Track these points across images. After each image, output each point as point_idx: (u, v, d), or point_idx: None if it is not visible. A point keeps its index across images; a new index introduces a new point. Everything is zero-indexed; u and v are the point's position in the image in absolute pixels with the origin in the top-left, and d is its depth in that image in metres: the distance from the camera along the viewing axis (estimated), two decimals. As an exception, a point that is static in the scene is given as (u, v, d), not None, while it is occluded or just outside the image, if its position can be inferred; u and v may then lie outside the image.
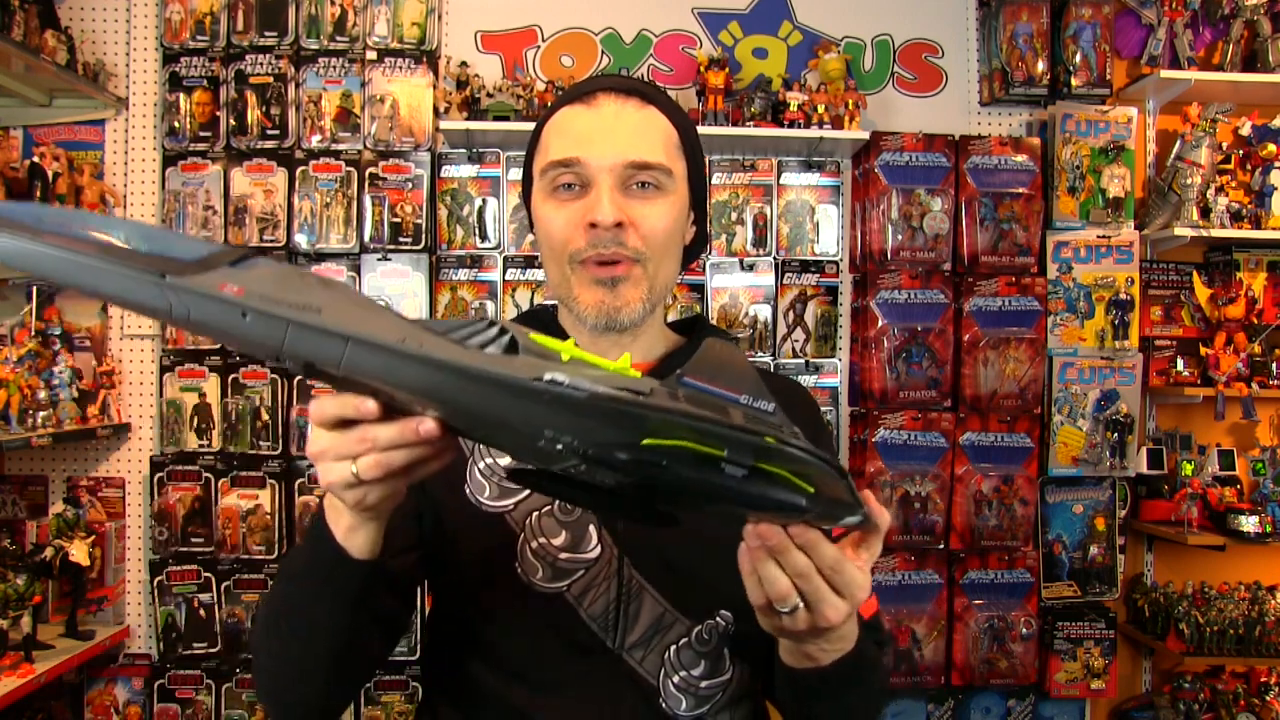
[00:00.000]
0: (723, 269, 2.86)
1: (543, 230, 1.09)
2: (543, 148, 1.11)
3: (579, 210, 1.05)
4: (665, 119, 1.10)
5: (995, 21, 2.90)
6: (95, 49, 2.77)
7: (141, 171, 2.80)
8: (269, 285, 0.62)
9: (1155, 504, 2.92)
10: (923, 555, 2.80)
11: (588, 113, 1.07)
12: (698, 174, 1.15)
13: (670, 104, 1.13)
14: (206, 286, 0.61)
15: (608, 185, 1.04)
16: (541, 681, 1.01)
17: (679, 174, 1.10)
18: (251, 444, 2.74)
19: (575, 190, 1.06)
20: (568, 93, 1.13)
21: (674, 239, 1.10)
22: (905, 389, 2.78)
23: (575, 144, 1.06)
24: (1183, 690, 2.86)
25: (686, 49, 2.91)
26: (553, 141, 1.08)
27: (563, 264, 1.07)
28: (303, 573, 0.91)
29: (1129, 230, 2.89)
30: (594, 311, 1.05)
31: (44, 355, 2.50)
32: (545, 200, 1.08)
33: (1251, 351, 2.87)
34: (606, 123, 1.06)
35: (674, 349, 1.16)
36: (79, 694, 2.74)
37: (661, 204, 1.07)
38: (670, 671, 1.01)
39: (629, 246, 1.04)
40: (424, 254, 2.79)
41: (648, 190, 1.06)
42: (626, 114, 1.07)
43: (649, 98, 1.10)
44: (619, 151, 1.04)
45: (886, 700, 1.11)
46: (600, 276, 1.05)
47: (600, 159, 1.04)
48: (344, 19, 2.80)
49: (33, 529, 2.64)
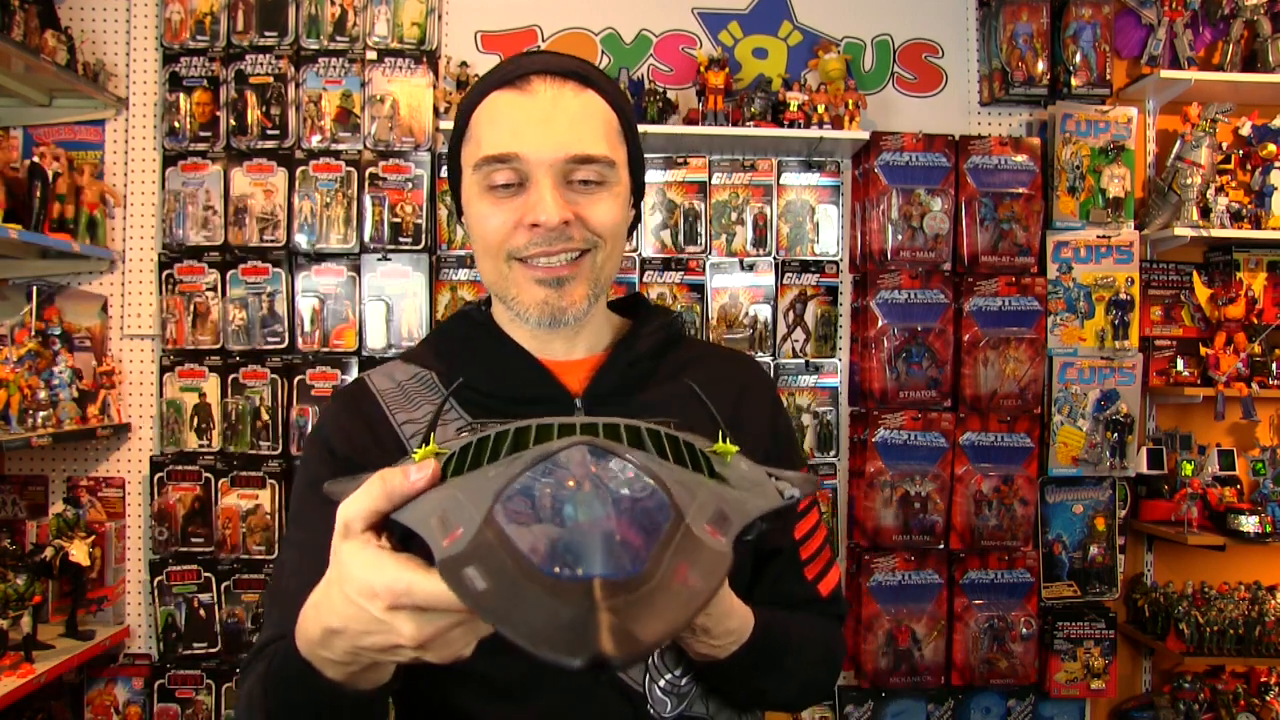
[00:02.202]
0: (723, 269, 2.86)
1: (478, 228, 1.01)
2: (472, 138, 1.01)
3: (517, 208, 0.97)
4: (604, 103, 1.01)
5: (995, 21, 2.90)
6: (95, 49, 2.77)
7: (141, 171, 2.80)
8: (687, 500, 0.53)
9: (1155, 504, 2.92)
10: (923, 555, 2.79)
11: (522, 99, 0.97)
12: (637, 156, 1.07)
13: (608, 83, 1.04)
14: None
15: (549, 183, 0.96)
16: (526, 699, 0.97)
17: (621, 162, 1.02)
18: (251, 444, 2.74)
19: (512, 188, 0.97)
20: (495, 73, 1.01)
21: (620, 229, 1.03)
22: (905, 389, 2.78)
23: (510, 137, 0.96)
24: (1183, 690, 2.86)
25: (686, 49, 2.91)
26: (484, 132, 0.99)
27: (499, 260, 1.00)
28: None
29: (1129, 230, 2.89)
30: (537, 311, 1.00)
31: (44, 355, 2.50)
32: (480, 197, 1.00)
33: (1251, 351, 2.87)
34: (543, 111, 0.96)
35: (620, 335, 1.12)
36: (79, 694, 2.74)
37: (606, 197, 0.99)
38: (656, 676, 0.99)
39: (576, 240, 0.98)
40: (424, 254, 2.79)
41: (591, 184, 0.98)
42: (565, 100, 0.97)
43: (587, 79, 1.00)
44: (559, 144, 0.95)
45: (827, 668, 1.10)
46: (543, 278, 0.99)
47: (539, 153, 0.95)
48: (344, 19, 2.80)
49: (33, 529, 2.64)
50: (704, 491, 0.57)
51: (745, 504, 0.62)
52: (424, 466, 0.63)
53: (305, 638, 0.72)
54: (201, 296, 2.75)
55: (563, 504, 0.47)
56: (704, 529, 0.51)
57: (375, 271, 2.79)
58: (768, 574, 1.08)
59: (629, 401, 1.04)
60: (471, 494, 0.55)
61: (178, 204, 2.75)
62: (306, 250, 2.77)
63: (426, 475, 0.62)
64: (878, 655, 2.78)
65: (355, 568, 0.61)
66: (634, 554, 0.44)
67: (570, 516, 0.46)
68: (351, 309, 2.78)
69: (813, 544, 1.10)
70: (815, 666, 1.07)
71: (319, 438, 1.05)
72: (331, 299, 2.79)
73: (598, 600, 0.41)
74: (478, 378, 1.02)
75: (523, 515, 0.48)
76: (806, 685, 1.07)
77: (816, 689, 1.11)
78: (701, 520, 0.52)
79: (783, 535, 1.08)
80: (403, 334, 2.78)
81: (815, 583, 1.09)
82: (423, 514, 0.58)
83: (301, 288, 2.78)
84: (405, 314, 2.79)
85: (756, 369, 1.20)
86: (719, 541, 0.51)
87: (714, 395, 1.09)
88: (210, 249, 2.76)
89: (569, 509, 0.46)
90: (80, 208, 2.62)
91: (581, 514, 0.46)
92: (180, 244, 2.76)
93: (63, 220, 2.54)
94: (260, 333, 2.76)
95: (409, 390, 1.06)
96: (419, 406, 1.03)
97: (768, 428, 1.12)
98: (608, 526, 0.45)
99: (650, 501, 0.49)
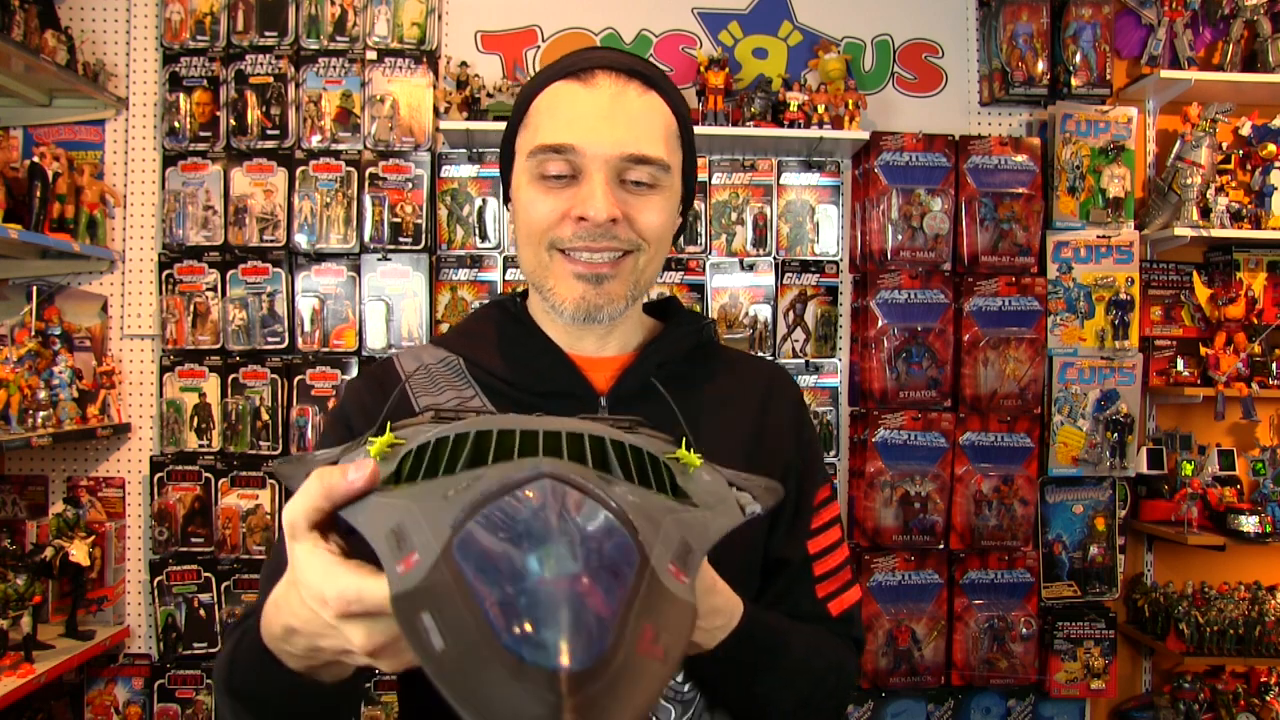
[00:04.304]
0: (723, 269, 2.86)
1: (523, 214, 1.00)
2: (530, 125, 1.00)
3: (567, 200, 0.96)
4: (666, 107, 1.01)
5: (995, 21, 2.90)
6: (95, 49, 2.77)
7: (141, 171, 2.80)
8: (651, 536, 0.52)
9: (1155, 504, 2.92)
10: (923, 555, 2.80)
11: (584, 92, 0.97)
12: (691, 163, 1.07)
13: (671, 89, 1.03)
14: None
15: (602, 178, 0.95)
16: None
17: (675, 167, 1.02)
18: (251, 444, 2.74)
19: (564, 180, 0.97)
20: (561, 64, 1.01)
21: (666, 234, 1.03)
22: (905, 389, 2.78)
23: (569, 128, 0.96)
24: (1183, 690, 2.86)
25: (686, 49, 2.91)
26: (543, 121, 0.98)
27: (540, 249, 0.99)
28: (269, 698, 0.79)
29: (1129, 230, 2.89)
30: (573, 305, 0.99)
31: (44, 355, 2.50)
32: (530, 184, 0.99)
33: (1251, 351, 2.87)
34: (605, 107, 0.96)
35: (651, 336, 1.11)
36: (79, 694, 2.74)
37: (657, 200, 0.99)
38: None
39: (621, 239, 0.97)
40: (424, 254, 2.79)
41: (643, 186, 0.98)
42: (627, 99, 0.97)
43: (651, 81, 1.00)
44: (617, 141, 0.95)
45: (832, 689, 1.04)
46: (584, 273, 0.98)
47: (596, 148, 0.95)
48: (344, 19, 2.80)
49: (33, 529, 2.64)
50: (669, 520, 0.55)
51: (708, 527, 0.60)
52: (362, 466, 0.60)
53: (268, 630, 0.72)
54: (201, 296, 2.75)
55: (527, 554, 0.45)
56: (668, 570, 0.50)
57: (375, 271, 2.79)
58: (774, 587, 1.05)
59: (652, 403, 1.03)
60: (429, 514, 0.52)
61: (178, 204, 2.75)
62: (306, 250, 2.77)
63: (364, 475, 0.60)
64: (878, 655, 2.78)
65: (306, 572, 0.59)
66: (600, 625, 0.42)
67: (535, 572, 0.44)
68: (351, 309, 2.78)
69: (829, 562, 1.06)
70: (818, 682, 1.00)
71: (339, 414, 1.05)
72: (331, 299, 2.79)
73: (564, 695, 0.39)
74: (504, 368, 1.02)
75: (483, 559, 0.46)
76: (806, 702, 0.99)
77: (820, 711, 1.02)
78: (666, 559, 0.51)
79: (793, 547, 1.05)
80: (403, 334, 2.78)
81: (825, 601, 1.05)
82: (375, 523, 0.56)
83: (301, 288, 2.78)
84: (405, 314, 2.79)
85: (785, 378, 1.17)
86: (683, 586, 0.50)
87: (740, 403, 1.07)
88: (210, 249, 2.76)
89: (533, 562, 0.44)
90: (80, 208, 2.62)
91: (547, 570, 0.44)
92: (180, 244, 2.76)
93: (63, 220, 2.54)
94: (260, 333, 2.76)
95: (435, 374, 1.05)
96: (443, 391, 1.03)
97: (793, 439, 1.09)
98: (573, 589, 0.43)
99: (615, 546, 0.48)
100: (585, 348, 1.06)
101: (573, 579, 0.43)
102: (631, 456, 0.63)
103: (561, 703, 0.38)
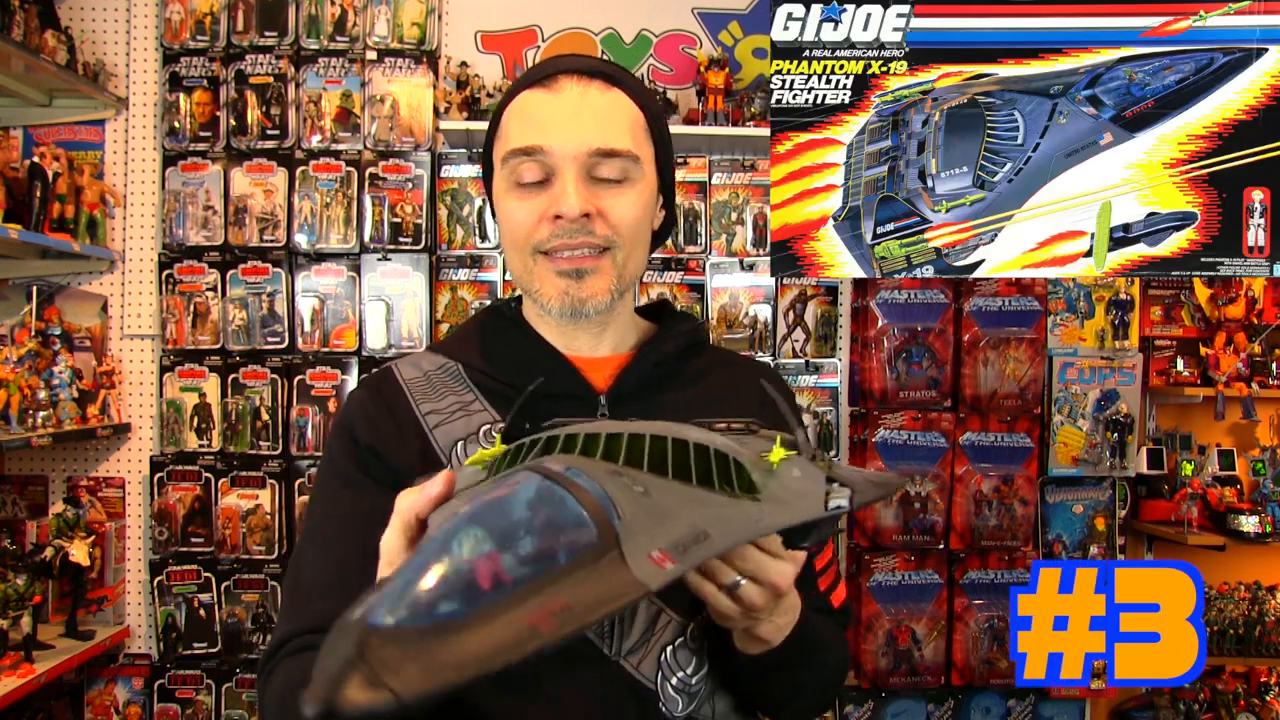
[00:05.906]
0: (723, 269, 2.86)
1: (506, 223, 1.05)
2: (503, 134, 1.05)
3: (542, 203, 1.00)
4: (631, 101, 1.04)
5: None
6: (95, 49, 2.77)
7: (141, 171, 2.80)
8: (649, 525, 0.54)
9: (1155, 504, 2.92)
10: (923, 555, 2.80)
11: (549, 97, 1.01)
12: (666, 156, 1.10)
13: (636, 85, 1.07)
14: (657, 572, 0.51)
15: (572, 175, 0.99)
16: (539, 696, 0.97)
17: (646, 159, 1.04)
18: (251, 444, 2.74)
19: (540, 185, 1.01)
20: (527, 75, 1.06)
21: (643, 227, 1.05)
22: (905, 389, 2.78)
23: (537, 131, 1.00)
24: (1182, 690, 2.86)
25: (686, 49, 2.92)
26: (513, 128, 1.03)
27: (525, 254, 1.03)
28: None
29: (1129, 230, 2.89)
30: (558, 302, 1.02)
31: (44, 355, 2.50)
32: (507, 193, 1.03)
33: (1251, 351, 2.87)
34: (569, 107, 1.00)
35: (646, 337, 1.14)
36: (79, 694, 2.74)
37: (630, 192, 1.02)
38: (668, 674, 0.99)
39: (597, 235, 1.00)
40: (424, 254, 2.79)
41: (614, 179, 1.01)
42: (590, 97, 1.01)
43: (613, 79, 1.04)
44: (583, 138, 0.99)
45: (839, 677, 1.11)
46: (564, 269, 1.01)
47: (564, 146, 0.99)
48: (344, 19, 2.80)
49: (33, 529, 2.64)
50: (687, 513, 0.57)
51: (758, 519, 0.61)
52: (437, 479, 0.68)
53: None
54: (201, 296, 2.75)
55: (460, 536, 0.47)
56: (646, 556, 0.51)
57: (375, 271, 2.79)
58: None
59: (651, 401, 1.04)
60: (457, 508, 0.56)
61: (178, 204, 2.75)
62: (306, 250, 2.77)
63: (441, 482, 0.68)
64: (878, 655, 2.78)
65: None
66: (471, 595, 0.44)
67: (454, 550, 0.46)
68: (351, 309, 2.78)
69: (824, 556, 1.10)
70: (835, 673, 1.06)
71: (343, 425, 1.06)
72: (331, 299, 2.79)
73: (363, 646, 0.41)
74: (504, 370, 1.05)
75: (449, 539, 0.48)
76: (824, 691, 1.06)
77: (827, 697, 1.09)
78: (651, 547, 0.52)
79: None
80: (403, 334, 2.78)
81: (827, 594, 1.09)
82: (434, 520, 0.63)
83: (301, 288, 2.78)
84: (405, 314, 2.79)
85: (777, 377, 1.22)
86: (651, 570, 0.50)
87: (739, 402, 1.10)
88: (210, 249, 2.76)
89: (455, 544, 0.46)
90: (80, 208, 2.62)
91: (465, 550, 0.46)
92: (180, 244, 2.76)
93: (63, 220, 2.54)
94: (260, 333, 2.76)
95: (435, 380, 1.07)
96: (444, 397, 1.05)
97: None
98: (467, 565, 0.45)
99: (562, 532, 0.49)
100: (580, 348, 1.08)
101: (475, 560, 0.46)
102: (694, 456, 0.66)
103: (354, 654, 0.41)
